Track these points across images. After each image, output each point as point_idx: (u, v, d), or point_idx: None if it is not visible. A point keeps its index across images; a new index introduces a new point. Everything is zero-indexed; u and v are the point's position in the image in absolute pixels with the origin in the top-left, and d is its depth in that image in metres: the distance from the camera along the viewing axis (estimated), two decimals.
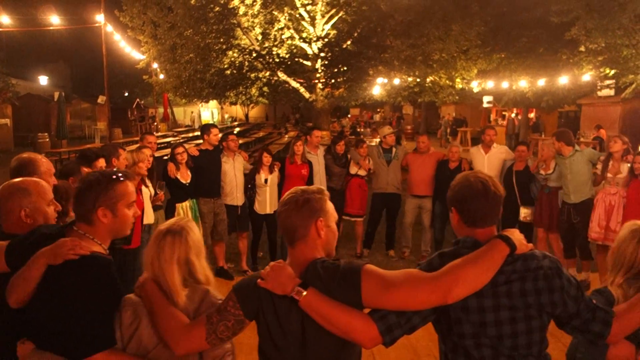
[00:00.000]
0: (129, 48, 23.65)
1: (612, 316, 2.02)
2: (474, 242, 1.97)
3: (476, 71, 17.65)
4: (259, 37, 16.93)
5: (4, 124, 24.68)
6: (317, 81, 17.40)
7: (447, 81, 17.53)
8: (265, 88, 20.15)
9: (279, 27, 16.57)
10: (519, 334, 1.90)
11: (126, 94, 44.91)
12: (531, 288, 1.90)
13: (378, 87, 20.56)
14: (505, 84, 19.38)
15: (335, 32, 17.16)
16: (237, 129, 30.75)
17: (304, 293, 1.81)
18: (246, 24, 16.55)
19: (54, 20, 22.25)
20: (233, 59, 17.23)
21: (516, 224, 6.84)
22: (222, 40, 16.75)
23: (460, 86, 18.14)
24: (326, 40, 16.67)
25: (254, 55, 16.96)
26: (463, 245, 1.99)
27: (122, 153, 4.86)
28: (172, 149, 6.46)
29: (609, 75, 15.56)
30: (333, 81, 17.52)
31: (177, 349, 1.95)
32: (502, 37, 17.49)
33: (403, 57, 16.25)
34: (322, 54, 16.59)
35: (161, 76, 20.89)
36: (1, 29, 22.56)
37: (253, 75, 17.89)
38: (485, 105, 28.01)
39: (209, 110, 43.61)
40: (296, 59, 17.49)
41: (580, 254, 6.42)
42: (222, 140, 6.84)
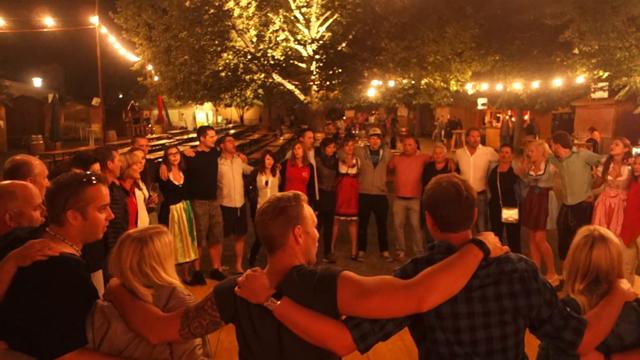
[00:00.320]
0: (124, 50, 23.59)
1: (585, 325, 2.01)
2: (448, 247, 1.96)
3: (470, 73, 17.72)
4: (254, 39, 16.93)
5: None
6: (312, 83, 17.42)
7: (442, 83, 17.58)
8: (260, 90, 20.15)
9: (274, 29, 16.57)
10: (494, 340, 1.89)
11: (121, 96, 44.86)
12: (506, 291, 1.89)
13: (373, 89, 20.57)
14: (499, 86, 19.47)
15: (330, 35, 17.18)
16: (232, 131, 30.71)
17: (278, 303, 1.82)
18: (241, 26, 16.54)
19: (48, 22, 22.18)
20: (228, 61, 17.22)
21: (503, 225, 6.91)
22: (217, 42, 16.74)
23: (454, 88, 18.19)
24: (321, 42, 16.68)
25: (249, 57, 16.96)
26: (437, 250, 1.99)
27: (117, 155, 4.83)
28: (165, 150, 6.46)
29: (603, 77, 15.64)
30: (328, 83, 17.53)
31: (152, 337, 1.99)
32: (497, 40, 17.57)
33: (398, 60, 16.29)
34: (317, 56, 16.61)
35: (156, 78, 20.84)
36: None
37: (248, 77, 17.89)
38: (479, 107, 28.15)
39: (204, 112, 43.52)
40: (291, 61, 17.50)
41: None
42: (219, 142, 6.84)
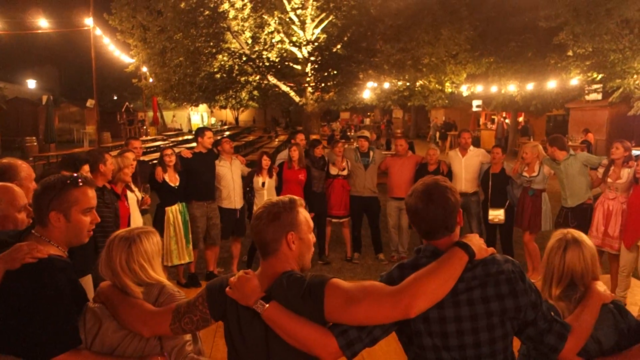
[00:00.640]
0: (118, 51, 23.52)
1: (569, 330, 2.00)
2: (434, 251, 1.95)
3: (465, 75, 17.76)
4: (249, 41, 16.91)
5: None
6: (307, 85, 17.39)
7: (437, 85, 17.60)
8: (255, 92, 20.11)
9: (269, 31, 16.55)
10: (482, 344, 1.88)
11: (115, 98, 44.67)
12: (493, 294, 1.88)
13: (368, 91, 20.61)
14: (494, 88, 19.52)
15: (325, 36, 17.18)
16: (227, 133, 30.69)
17: (266, 306, 1.83)
18: (236, 28, 16.52)
19: (43, 23, 22.08)
20: (223, 63, 17.19)
21: (496, 226, 6.94)
22: (212, 44, 16.71)
23: (449, 90, 18.21)
24: (316, 44, 16.67)
25: (244, 59, 16.93)
26: (423, 254, 1.98)
27: (109, 158, 4.78)
28: (161, 152, 6.44)
29: (597, 79, 15.71)
30: (323, 85, 17.50)
31: (145, 331, 2.03)
32: (491, 42, 17.62)
33: (393, 61, 16.30)
34: (312, 58, 16.59)
35: (150, 80, 20.77)
36: None
37: (243, 79, 17.84)
38: (474, 109, 28.24)
39: (199, 114, 43.44)
40: (286, 63, 17.47)
41: None
42: (216, 144, 6.83)
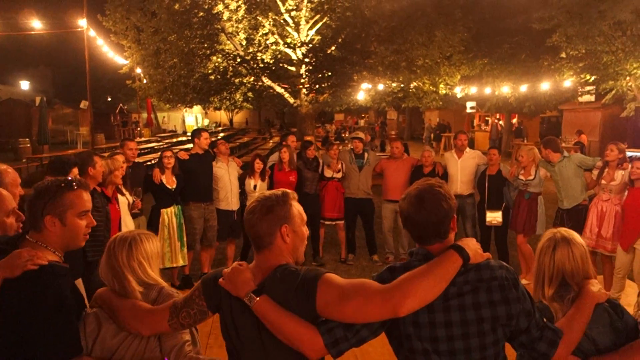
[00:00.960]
0: (112, 53, 23.46)
1: (560, 337, 2.00)
2: (426, 255, 1.94)
3: (459, 77, 17.82)
4: (243, 43, 16.90)
5: None
6: (302, 86, 17.39)
7: (431, 87, 17.65)
8: (249, 93, 20.11)
9: (264, 33, 16.55)
10: (472, 350, 1.86)
11: (109, 99, 44.49)
12: (485, 300, 1.86)
13: (362, 93, 20.65)
14: (488, 90, 19.60)
15: (319, 38, 17.18)
16: (222, 134, 30.65)
17: (256, 299, 1.84)
18: (230, 29, 16.51)
19: (36, 24, 22.00)
20: (217, 64, 17.16)
21: (491, 228, 6.94)
22: (206, 45, 16.69)
23: (443, 92, 18.28)
24: (310, 45, 16.68)
25: (238, 60, 16.91)
26: (415, 257, 1.97)
27: (99, 161, 4.70)
28: (161, 153, 6.41)
29: (590, 81, 15.80)
30: (317, 86, 17.51)
31: (144, 330, 2.04)
32: (485, 44, 17.70)
33: (387, 63, 16.34)
34: (307, 60, 16.59)
35: (144, 81, 20.72)
36: None
37: (237, 80, 17.82)
38: (468, 110, 28.29)
39: (193, 115, 43.38)
40: (280, 65, 17.47)
41: None
42: (212, 146, 6.82)
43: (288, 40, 16.82)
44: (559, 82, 16.86)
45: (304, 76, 16.92)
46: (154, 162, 12.11)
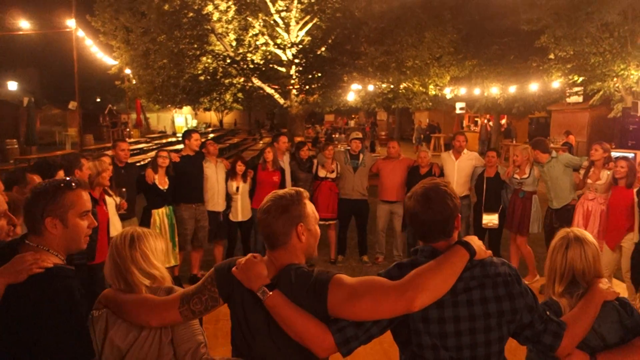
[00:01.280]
0: (101, 53, 23.37)
1: (564, 329, 2.04)
2: (432, 251, 1.97)
3: (449, 78, 17.90)
4: (233, 43, 16.86)
5: None
6: (292, 87, 17.39)
7: (421, 88, 17.71)
8: (239, 94, 20.08)
9: (254, 34, 16.53)
10: (478, 346, 1.90)
11: (98, 100, 44.23)
12: (491, 295, 1.91)
13: (352, 94, 20.66)
14: (477, 91, 19.72)
15: (309, 39, 17.18)
16: (212, 135, 30.56)
17: (269, 294, 1.85)
18: (220, 30, 16.47)
19: (24, 24, 21.85)
20: (207, 65, 17.12)
21: (485, 230, 6.94)
22: (196, 46, 16.65)
23: (433, 93, 18.34)
24: (300, 46, 16.67)
25: (228, 61, 16.87)
26: (421, 254, 1.99)
27: (85, 163, 4.66)
28: (156, 153, 6.40)
29: (578, 82, 15.94)
30: (307, 87, 17.52)
31: (153, 321, 2.00)
32: (474, 45, 17.80)
33: (377, 64, 16.37)
34: (297, 60, 16.60)
35: (134, 82, 20.63)
36: None
37: (227, 81, 17.79)
38: (458, 111, 28.39)
39: (183, 116, 43.20)
40: (271, 65, 17.46)
41: None
42: (201, 146, 6.82)
43: (278, 41, 16.81)
44: (548, 83, 17.00)
45: (294, 77, 16.92)
46: (144, 164, 12.08)
